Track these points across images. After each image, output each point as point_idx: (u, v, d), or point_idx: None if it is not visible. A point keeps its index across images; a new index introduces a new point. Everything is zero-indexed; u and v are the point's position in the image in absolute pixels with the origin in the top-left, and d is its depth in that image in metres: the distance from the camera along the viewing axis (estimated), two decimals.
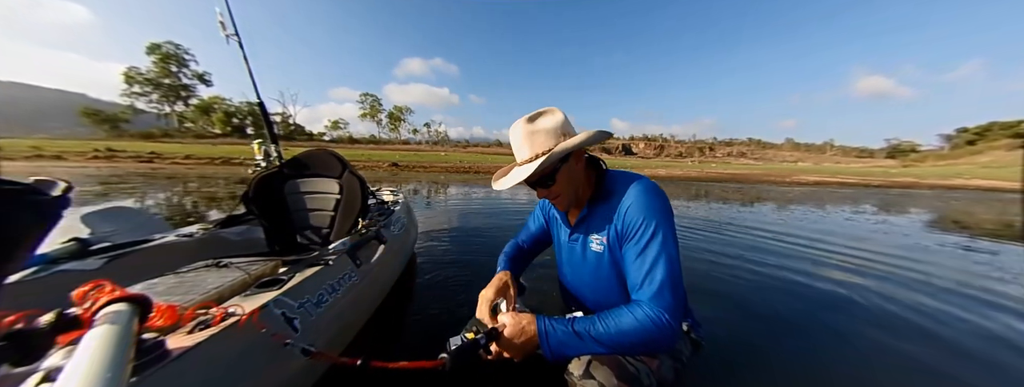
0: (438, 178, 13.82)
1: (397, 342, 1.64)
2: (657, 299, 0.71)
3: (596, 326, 0.70)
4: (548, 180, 0.84)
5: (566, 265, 1.05)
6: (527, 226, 1.22)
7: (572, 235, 0.98)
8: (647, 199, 0.80)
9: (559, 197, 0.88)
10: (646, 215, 0.78)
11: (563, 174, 0.84)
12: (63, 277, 1.08)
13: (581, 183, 0.90)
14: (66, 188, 0.67)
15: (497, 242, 3.59)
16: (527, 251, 1.20)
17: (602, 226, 0.87)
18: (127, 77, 54.36)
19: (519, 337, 0.74)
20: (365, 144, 63.27)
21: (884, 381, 1.46)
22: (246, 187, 1.77)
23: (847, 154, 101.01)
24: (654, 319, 0.69)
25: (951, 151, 68.13)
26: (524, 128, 0.82)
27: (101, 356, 0.51)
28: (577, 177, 0.88)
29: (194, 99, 59.87)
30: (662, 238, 0.76)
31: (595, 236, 0.90)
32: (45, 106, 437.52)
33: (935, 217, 7.21)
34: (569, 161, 0.84)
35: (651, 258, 0.75)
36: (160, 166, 15.44)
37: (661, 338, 0.69)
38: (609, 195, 0.87)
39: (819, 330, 1.87)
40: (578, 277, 1.01)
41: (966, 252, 3.93)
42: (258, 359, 0.87)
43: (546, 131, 0.81)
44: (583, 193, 0.91)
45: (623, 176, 0.88)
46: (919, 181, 22.21)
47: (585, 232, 0.93)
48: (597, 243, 0.89)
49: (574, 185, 0.88)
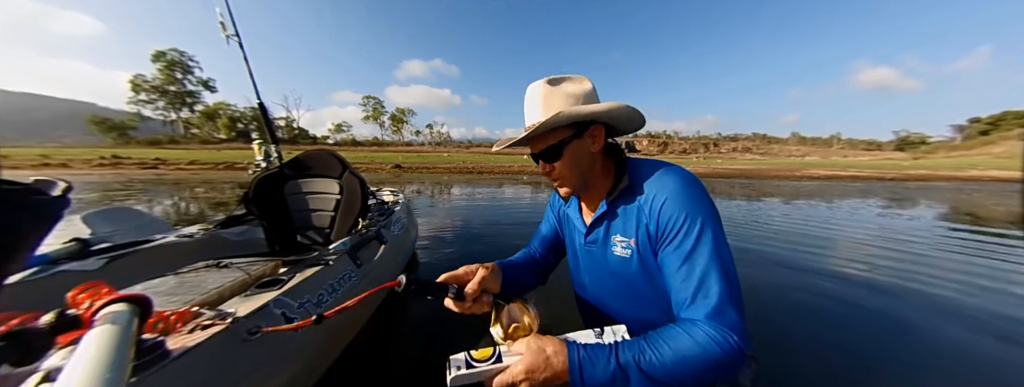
0: (441, 179, 13.85)
1: (397, 342, 1.65)
2: (719, 317, 0.57)
3: (647, 354, 0.55)
4: (553, 154, 0.70)
5: (584, 273, 0.87)
6: (539, 230, 1.03)
7: (589, 237, 0.80)
8: (687, 192, 0.65)
9: (561, 181, 0.74)
10: (688, 211, 0.63)
11: (572, 152, 0.69)
12: (63, 277, 1.08)
13: (594, 170, 0.75)
14: (66, 188, 0.67)
15: (499, 242, 3.59)
16: (538, 262, 0.98)
17: (628, 226, 0.71)
18: (133, 85, 55.29)
19: (540, 371, 0.54)
20: (368, 146, 63.60)
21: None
22: (246, 188, 1.78)
23: (854, 147, 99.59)
24: (720, 342, 0.54)
25: (963, 142, 66.97)
26: (542, 89, 0.69)
27: (101, 356, 0.51)
28: (589, 161, 0.73)
29: (199, 105, 60.72)
30: (713, 240, 0.61)
31: (619, 238, 0.74)
32: (55, 116, 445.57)
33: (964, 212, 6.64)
34: (583, 138, 0.69)
35: (701, 265, 0.60)
36: (164, 172, 15.64)
37: (729, 365, 0.55)
38: (634, 188, 0.71)
39: (888, 361, 1.61)
40: (600, 288, 0.83)
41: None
42: (258, 359, 0.87)
43: (565, 96, 0.68)
44: (598, 185, 0.76)
45: (649, 165, 0.72)
46: (933, 173, 21.86)
47: (605, 233, 0.77)
48: (622, 246, 0.73)
49: (582, 169, 0.72)
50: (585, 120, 0.69)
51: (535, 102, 0.70)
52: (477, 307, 0.67)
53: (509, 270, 0.83)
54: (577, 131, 0.69)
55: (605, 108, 0.66)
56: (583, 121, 0.69)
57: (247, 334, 0.86)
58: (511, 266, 0.86)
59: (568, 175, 0.73)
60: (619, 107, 0.66)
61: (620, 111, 0.67)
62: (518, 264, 0.91)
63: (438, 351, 1.69)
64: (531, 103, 0.71)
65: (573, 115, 0.65)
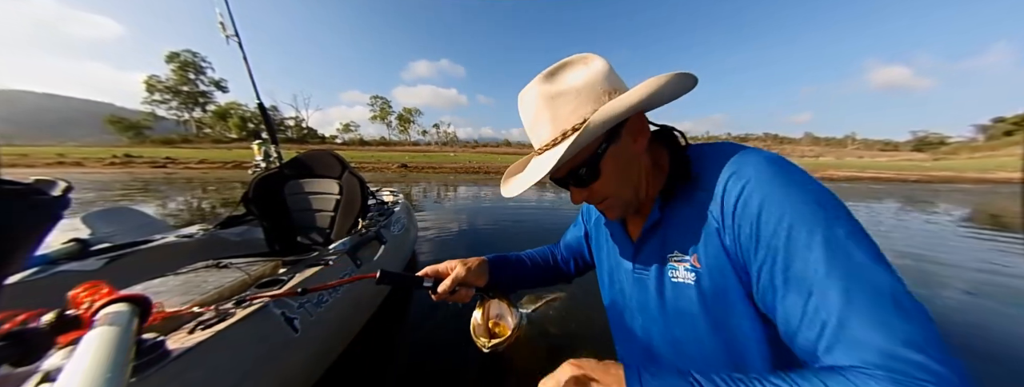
0: (447, 178, 13.89)
1: (397, 343, 1.65)
2: (901, 361, 0.32)
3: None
4: (587, 174, 0.50)
5: (634, 308, 0.60)
6: (565, 235, 0.85)
7: (638, 257, 0.57)
8: (782, 180, 0.42)
9: (608, 200, 0.54)
10: (790, 209, 0.40)
11: (612, 163, 0.49)
12: (63, 277, 1.10)
13: (644, 172, 0.53)
14: (66, 188, 0.68)
15: (502, 242, 3.58)
16: (559, 264, 0.83)
17: (691, 239, 0.49)
18: (148, 85, 56.58)
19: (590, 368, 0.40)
20: (375, 146, 64.17)
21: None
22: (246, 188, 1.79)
23: (870, 148, 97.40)
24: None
25: (987, 142, 64.85)
26: (540, 91, 0.49)
27: (101, 356, 0.52)
28: (637, 164, 0.52)
29: (211, 105, 61.87)
30: (845, 243, 0.37)
31: (679, 257, 0.50)
32: (74, 115, 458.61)
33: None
34: (620, 137, 0.49)
35: (839, 282, 0.36)
36: (173, 171, 15.97)
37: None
38: (698, 184, 0.49)
39: None
40: (653, 329, 0.57)
41: None
42: (258, 359, 0.88)
43: (578, 92, 0.48)
44: (649, 187, 0.54)
45: (715, 150, 0.50)
46: (959, 175, 21.11)
47: (660, 250, 0.53)
48: (684, 268, 0.50)
49: (632, 178, 0.52)
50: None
51: (537, 114, 0.50)
52: (458, 298, 0.68)
53: (502, 266, 0.75)
54: (610, 132, 0.49)
55: (645, 94, 0.44)
56: None
57: (247, 334, 0.87)
58: (506, 262, 0.77)
59: (615, 192, 0.52)
60: (663, 84, 0.45)
61: (665, 87, 0.45)
62: (519, 260, 0.81)
63: (437, 351, 1.71)
64: (532, 116, 0.51)
65: (607, 122, 0.45)
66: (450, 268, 0.68)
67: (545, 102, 0.49)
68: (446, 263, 0.70)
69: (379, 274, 0.64)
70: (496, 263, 0.75)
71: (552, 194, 7.55)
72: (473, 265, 0.69)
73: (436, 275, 0.67)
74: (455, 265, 0.68)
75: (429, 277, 0.66)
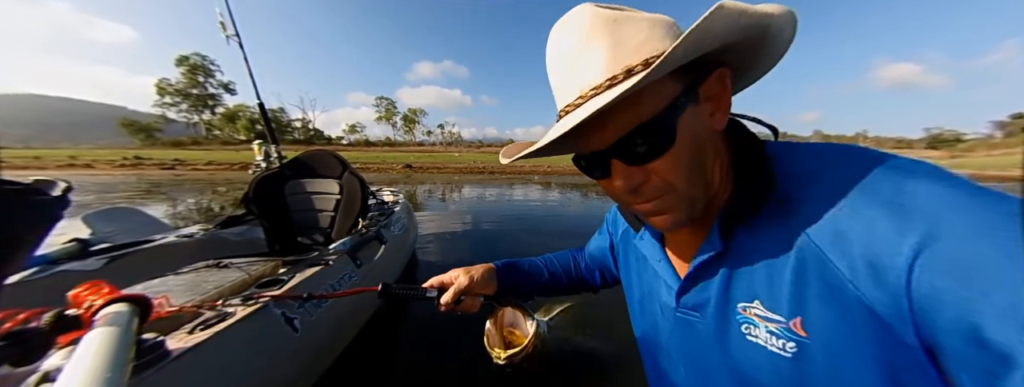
0: (452, 179, 13.93)
1: (396, 344, 1.65)
2: None
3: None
4: (655, 139, 0.32)
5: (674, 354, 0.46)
6: (589, 244, 0.73)
7: (686, 294, 0.41)
8: (1003, 223, 0.23)
9: (667, 197, 0.35)
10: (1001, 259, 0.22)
11: (688, 130, 0.33)
12: (63, 277, 1.10)
13: (720, 168, 0.37)
14: (66, 188, 0.68)
15: (505, 243, 3.57)
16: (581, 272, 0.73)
17: (782, 287, 0.32)
18: (158, 88, 57.66)
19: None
20: (381, 146, 64.67)
21: None
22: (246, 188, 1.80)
23: (882, 145, 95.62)
24: None
25: (1005, 139, 63.18)
26: (597, 12, 0.33)
27: (101, 356, 0.52)
28: (711, 149, 0.36)
29: (220, 107, 62.83)
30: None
31: (761, 312, 0.34)
32: (89, 118, 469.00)
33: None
34: (699, 105, 0.33)
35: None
36: (181, 172, 16.23)
37: None
38: (794, 208, 0.32)
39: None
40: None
41: None
42: (257, 359, 0.88)
43: (652, 21, 0.33)
44: (719, 187, 0.38)
45: (830, 159, 0.33)
46: (980, 173, 20.75)
47: (723, 294, 0.37)
48: (768, 330, 0.33)
49: (706, 167, 0.36)
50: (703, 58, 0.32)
51: (587, 41, 0.32)
52: (465, 308, 0.65)
53: (512, 272, 0.69)
54: (690, 82, 0.33)
55: (776, 9, 0.29)
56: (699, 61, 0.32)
57: (247, 334, 0.87)
58: (516, 269, 0.70)
59: (682, 181, 0.34)
60: (786, 11, 0.30)
61: (783, 19, 0.30)
62: (534, 266, 0.72)
63: (436, 352, 1.71)
64: (576, 45, 0.33)
65: (695, 53, 0.30)
66: (454, 278, 0.65)
67: (605, 24, 0.32)
68: (451, 272, 0.66)
69: (381, 287, 0.62)
70: (505, 270, 0.69)
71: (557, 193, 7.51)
72: (477, 273, 0.64)
73: (441, 286, 0.65)
74: (458, 275, 0.65)
75: (434, 288, 0.65)
